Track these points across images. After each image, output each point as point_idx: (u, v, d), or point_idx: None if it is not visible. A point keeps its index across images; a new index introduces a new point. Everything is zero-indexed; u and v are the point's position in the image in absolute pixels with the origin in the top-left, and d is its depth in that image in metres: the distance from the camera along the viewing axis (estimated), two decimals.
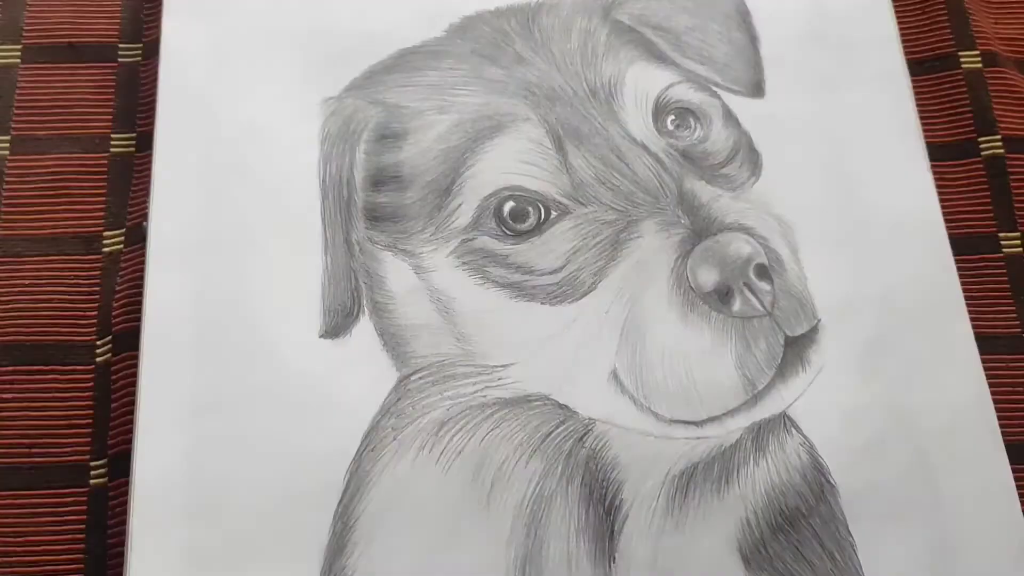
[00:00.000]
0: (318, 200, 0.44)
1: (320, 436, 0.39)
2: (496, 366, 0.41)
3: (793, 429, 0.41)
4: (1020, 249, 0.46)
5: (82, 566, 0.39)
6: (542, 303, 0.42)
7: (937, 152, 0.47)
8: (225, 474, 0.39)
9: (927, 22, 0.50)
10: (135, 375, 0.40)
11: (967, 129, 0.48)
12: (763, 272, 0.42)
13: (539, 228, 0.43)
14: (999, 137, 0.47)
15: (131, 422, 0.40)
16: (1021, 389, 0.43)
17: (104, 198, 0.45)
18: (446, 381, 0.41)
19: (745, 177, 0.46)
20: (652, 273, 0.42)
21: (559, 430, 0.40)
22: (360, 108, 0.45)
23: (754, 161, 0.46)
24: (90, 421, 0.41)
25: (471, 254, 0.43)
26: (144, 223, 0.43)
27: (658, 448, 0.40)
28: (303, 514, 0.38)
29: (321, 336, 0.41)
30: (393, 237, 0.43)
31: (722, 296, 0.41)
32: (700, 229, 0.42)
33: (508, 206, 0.43)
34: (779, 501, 0.40)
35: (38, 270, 0.43)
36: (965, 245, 0.45)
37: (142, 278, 0.42)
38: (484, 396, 0.41)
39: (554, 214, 0.43)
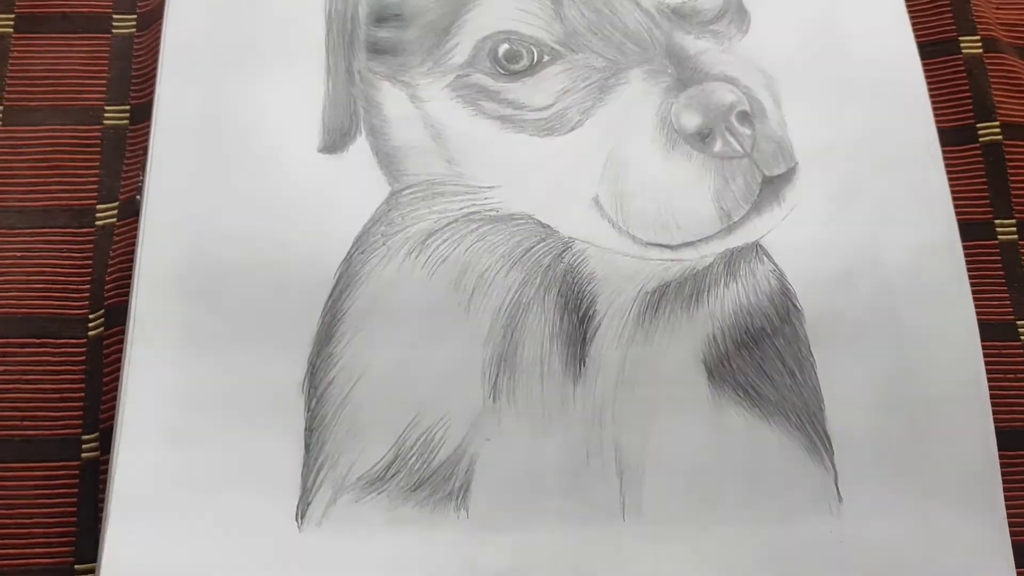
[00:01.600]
0: (323, 31, 0.46)
1: (314, 238, 0.42)
2: (483, 187, 0.43)
3: (764, 257, 0.43)
4: (1015, 236, 0.45)
5: (73, 539, 0.39)
6: (531, 135, 0.44)
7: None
8: (224, 266, 0.41)
9: (929, 5, 0.50)
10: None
11: (966, 115, 0.47)
12: (744, 118, 0.44)
13: (531, 69, 0.45)
14: (997, 124, 0.47)
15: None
16: (1013, 376, 0.43)
17: (97, 171, 0.45)
18: (435, 197, 0.43)
19: (733, 33, 0.47)
20: (638, 114, 0.44)
21: (540, 246, 0.43)
22: None
23: (742, 18, 0.48)
24: (82, 395, 0.41)
25: (465, 88, 0.45)
26: (137, 197, 0.43)
27: (633, 267, 0.42)
28: (295, 306, 0.41)
29: (320, 151, 0.44)
30: (392, 69, 0.46)
31: (704, 137, 0.43)
32: (686, 79, 0.44)
33: (503, 48, 0.45)
34: (746, 320, 0.42)
35: (30, 243, 0.43)
36: (961, 232, 0.45)
37: (135, 252, 0.41)
38: (470, 212, 0.43)
39: (546, 58, 0.45)
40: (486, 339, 0.41)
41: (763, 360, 0.41)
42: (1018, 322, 0.44)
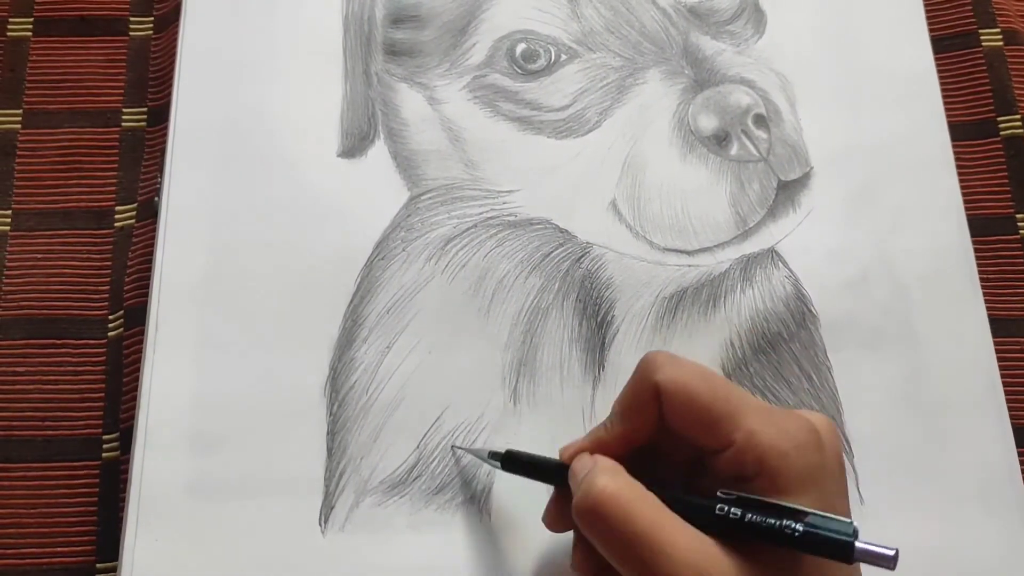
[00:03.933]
0: (340, 34, 0.46)
1: (334, 243, 0.42)
2: (501, 191, 0.44)
3: (780, 263, 0.43)
4: None
5: (94, 538, 0.39)
6: (548, 136, 0.44)
7: (956, 132, 0.46)
8: (243, 270, 0.42)
9: None
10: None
11: (986, 108, 0.47)
12: (760, 121, 0.44)
13: (549, 69, 0.45)
14: (1019, 117, 0.46)
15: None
16: None
17: (116, 173, 0.45)
18: (454, 202, 0.43)
19: (749, 34, 0.47)
20: (655, 116, 0.44)
21: (558, 251, 0.43)
22: None
23: (759, 20, 0.48)
24: (102, 395, 0.41)
25: (483, 89, 0.45)
26: (156, 198, 0.43)
27: (651, 272, 0.43)
28: (316, 310, 0.41)
29: (339, 155, 0.44)
30: (409, 70, 0.45)
31: (720, 140, 0.43)
32: (702, 80, 0.44)
33: (520, 47, 0.45)
34: (762, 325, 0.42)
35: (50, 245, 0.43)
36: (982, 226, 0.44)
37: (154, 255, 0.42)
38: (489, 217, 0.43)
39: (564, 57, 0.45)
40: (506, 344, 0.41)
41: (780, 365, 0.42)
42: None
